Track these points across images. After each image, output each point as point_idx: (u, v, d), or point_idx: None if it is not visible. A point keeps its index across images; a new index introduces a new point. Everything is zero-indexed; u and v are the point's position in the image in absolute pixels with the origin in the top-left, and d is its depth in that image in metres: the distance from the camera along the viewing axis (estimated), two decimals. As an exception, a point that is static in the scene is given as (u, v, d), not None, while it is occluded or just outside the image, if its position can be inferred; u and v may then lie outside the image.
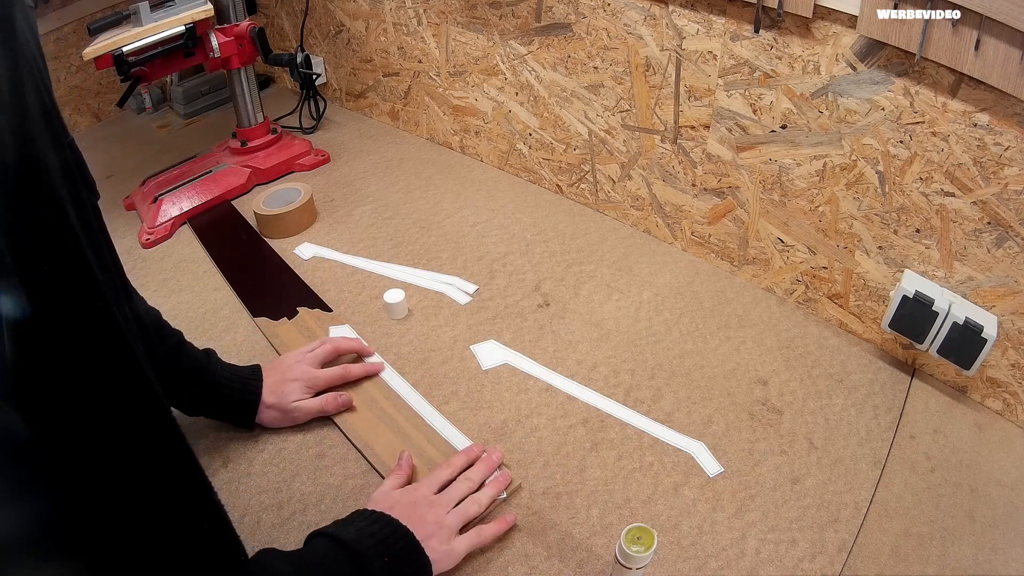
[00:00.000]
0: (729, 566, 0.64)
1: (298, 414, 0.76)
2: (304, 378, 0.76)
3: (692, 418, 0.78)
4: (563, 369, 0.84)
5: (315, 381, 0.77)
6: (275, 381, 0.75)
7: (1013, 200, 0.69)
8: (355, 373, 0.81)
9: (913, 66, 0.70)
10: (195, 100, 1.53)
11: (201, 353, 0.73)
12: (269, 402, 0.74)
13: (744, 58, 0.83)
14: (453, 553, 0.61)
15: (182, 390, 0.71)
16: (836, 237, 0.86)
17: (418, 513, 0.61)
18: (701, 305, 0.95)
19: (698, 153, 0.94)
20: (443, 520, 0.62)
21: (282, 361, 0.79)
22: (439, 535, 0.60)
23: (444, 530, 0.61)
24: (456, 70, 1.21)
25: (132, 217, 1.18)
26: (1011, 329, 0.75)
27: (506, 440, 0.76)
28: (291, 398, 0.75)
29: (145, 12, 1.00)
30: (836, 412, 0.79)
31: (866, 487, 0.71)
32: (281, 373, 0.76)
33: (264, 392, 0.74)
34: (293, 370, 0.77)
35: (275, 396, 0.74)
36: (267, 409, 0.74)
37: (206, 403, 0.73)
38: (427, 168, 1.27)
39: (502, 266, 1.02)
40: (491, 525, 0.64)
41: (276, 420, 0.75)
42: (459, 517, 0.63)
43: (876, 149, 0.77)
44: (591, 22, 0.96)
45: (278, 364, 0.78)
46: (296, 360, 0.78)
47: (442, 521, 0.62)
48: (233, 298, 0.98)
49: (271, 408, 0.74)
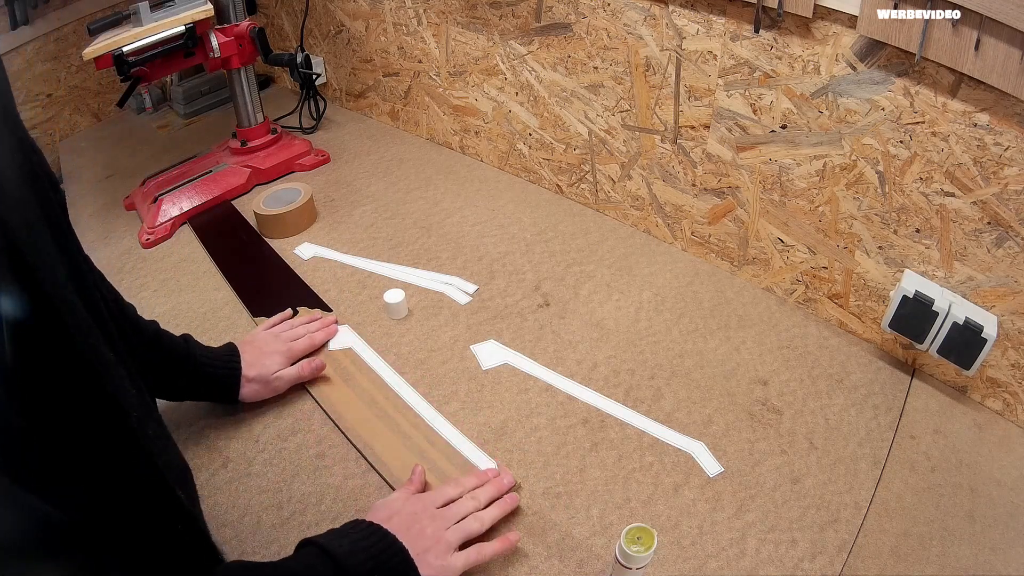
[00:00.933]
0: (729, 566, 0.64)
1: (279, 383, 0.79)
2: (281, 349, 0.81)
3: (692, 418, 0.78)
4: (563, 369, 0.84)
5: (290, 351, 0.82)
6: (253, 356, 0.79)
7: (1013, 200, 0.69)
8: (319, 339, 0.86)
9: (913, 66, 0.70)
10: (195, 100, 1.53)
11: (179, 340, 0.75)
12: (250, 375, 0.77)
13: (744, 58, 0.83)
14: (450, 569, 0.59)
15: (166, 378, 0.72)
16: (836, 237, 0.86)
17: (418, 526, 0.60)
18: (701, 305, 0.95)
19: (698, 153, 0.94)
20: (442, 535, 0.60)
21: (254, 337, 0.83)
22: (436, 549, 0.59)
23: (442, 545, 0.60)
24: (456, 70, 1.21)
25: (132, 217, 1.18)
26: (1011, 329, 0.75)
27: (506, 440, 0.76)
28: (271, 369, 0.78)
29: (145, 12, 1.00)
30: (836, 412, 0.79)
31: (866, 487, 0.71)
32: (258, 348, 0.80)
33: (244, 367, 0.77)
34: (269, 344, 0.81)
35: (255, 369, 0.77)
36: (248, 383, 0.77)
37: (191, 387, 0.75)
38: (427, 168, 1.27)
39: (502, 266, 1.02)
40: (493, 543, 0.63)
41: (258, 392, 0.78)
42: (460, 533, 0.61)
43: (876, 149, 0.77)
44: (591, 22, 0.96)
45: (251, 340, 0.82)
46: (268, 334, 0.83)
47: (441, 536, 0.60)
48: (233, 298, 0.98)
49: (252, 381, 0.77)
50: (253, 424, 0.78)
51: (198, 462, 0.74)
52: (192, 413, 0.79)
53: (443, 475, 0.71)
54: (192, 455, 0.74)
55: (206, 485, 0.71)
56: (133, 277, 1.03)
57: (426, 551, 0.58)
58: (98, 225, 1.16)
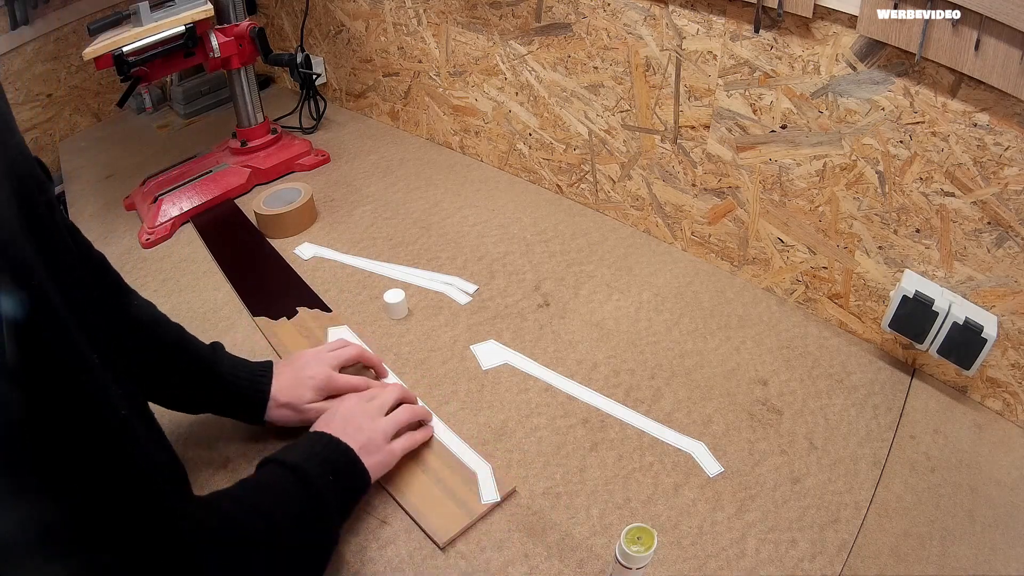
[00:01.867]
0: (729, 566, 0.64)
1: (312, 414, 0.72)
2: (320, 376, 0.74)
3: (692, 418, 0.78)
4: (563, 369, 0.84)
5: (330, 382, 0.74)
6: (289, 379, 0.73)
7: (1013, 200, 0.69)
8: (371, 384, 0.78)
9: (913, 66, 0.70)
10: (195, 100, 1.53)
11: (207, 349, 0.72)
12: (282, 400, 0.72)
13: (744, 58, 0.83)
14: (390, 454, 0.68)
15: (185, 388, 0.70)
16: (836, 237, 0.86)
17: (355, 422, 0.67)
18: (701, 305, 0.95)
19: (698, 153, 0.94)
20: (377, 425, 0.68)
21: (299, 357, 0.76)
22: (375, 440, 0.67)
23: (379, 435, 0.68)
24: (456, 70, 1.21)
25: (132, 217, 1.18)
26: (1011, 329, 0.75)
27: (506, 440, 0.76)
28: (306, 398, 0.73)
29: (145, 12, 1.00)
30: (836, 412, 0.79)
31: (866, 487, 0.71)
32: (296, 371, 0.74)
33: (275, 390, 0.72)
34: (309, 367, 0.74)
35: (288, 395, 0.72)
36: (279, 408, 0.72)
37: (211, 401, 0.72)
38: (427, 168, 1.27)
39: (502, 266, 1.02)
40: (421, 430, 0.74)
41: (288, 418, 0.73)
42: (392, 423, 0.70)
43: (876, 149, 0.77)
44: (591, 22, 0.96)
45: (294, 361, 0.76)
46: (314, 358, 0.76)
47: (377, 427, 0.68)
48: (233, 298, 0.98)
49: (283, 407, 0.72)
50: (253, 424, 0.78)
51: (198, 462, 0.74)
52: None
53: (437, 476, 0.71)
54: (192, 455, 0.74)
55: (206, 485, 0.71)
56: (133, 277, 1.03)
57: (368, 443, 0.66)
58: (98, 225, 1.16)
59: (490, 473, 0.71)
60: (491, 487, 0.70)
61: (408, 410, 0.73)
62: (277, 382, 0.72)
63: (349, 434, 0.65)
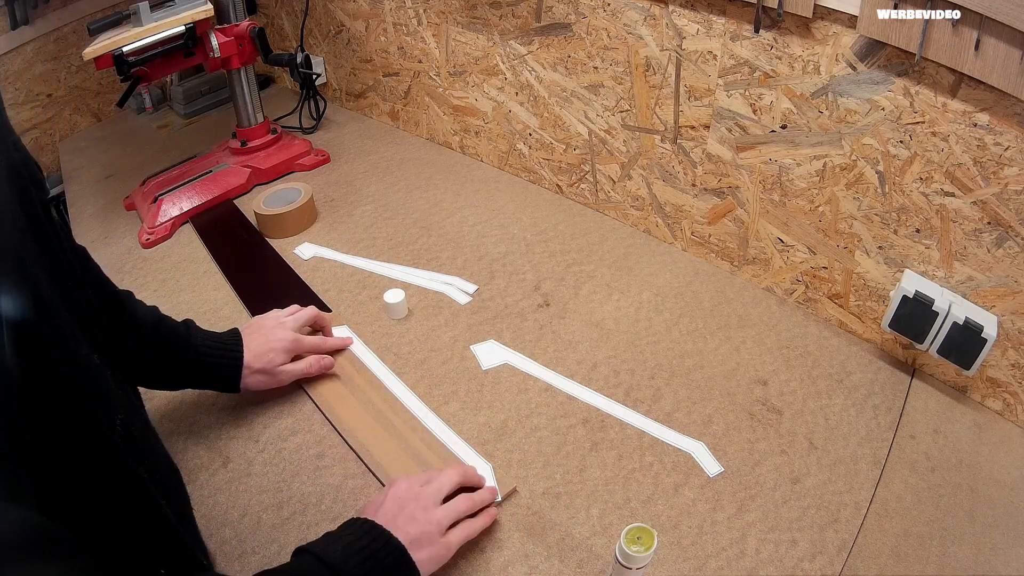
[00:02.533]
0: (729, 566, 0.64)
1: (284, 376, 0.78)
2: (288, 339, 0.79)
3: (692, 418, 0.78)
4: (563, 369, 0.84)
5: (298, 345, 0.80)
6: (259, 345, 0.77)
7: (1013, 200, 0.69)
8: (330, 344, 0.85)
9: (913, 66, 0.70)
10: (195, 100, 1.53)
11: (180, 325, 0.74)
12: (256, 367, 0.76)
13: (744, 58, 0.83)
14: (444, 547, 0.60)
15: (164, 366, 0.72)
16: (836, 237, 0.86)
17: (407, 510, 0.61)
18: (701, 305, 0.95)
19: (698, 153, 0.94)
20: (432, 516, 0.61)
21: (262, 323, 0.80)
22: (430, 532, 0.60)
23: (433, 526, 0.60)
24: (456, 70, 1.21)
25: (132, 217, 1.18)
26: (1011, 329, 0.75)
27: (506, 440, 0.76)
28: (277, 361, 0.77)
29: (145, 12, 1.00)
30: (836, 412, 0.79)
31: (866, 487, 0.71)
32: (264, 336, 0.78)
33: (249, 356, 0.76)
34: (276, 333, 0.79)
35: (261, 361, 0.76)
36: (254, 374, 0.76)
37: (190, 375, 0.74)
38: (427, 168, 1.27)
39: (502, 266, 1.02)
40: (479, 518, 0.65)
41: (262, 383, 0.77)
42: (450, 513, 0.62)
43: (876, 149, 0.77)
44: (591, 22, 0.96)
45: (258, 327, 0.79)
46: (277, 323, 0.81)
47: (432, 517, 0.61)
48: (233, 298, 0.98)
49: (258, 372, 0.76)
50: (253, 424, 0.78)
51: (198, 462, 0.74)
52: (192, 412, 0.79)
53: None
54: (192, 455, 0.74)
55: (206, 485, 0.71)
56: (133, 277, 1.03)
57: (420, 536, 0.59)
58: (98, 225, 1.16)
59: (490, 473, 0.71)
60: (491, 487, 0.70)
61: (467, 500, 0.65)
62: (248, 350, 0.76)
63: (400, 525, 0.59)
